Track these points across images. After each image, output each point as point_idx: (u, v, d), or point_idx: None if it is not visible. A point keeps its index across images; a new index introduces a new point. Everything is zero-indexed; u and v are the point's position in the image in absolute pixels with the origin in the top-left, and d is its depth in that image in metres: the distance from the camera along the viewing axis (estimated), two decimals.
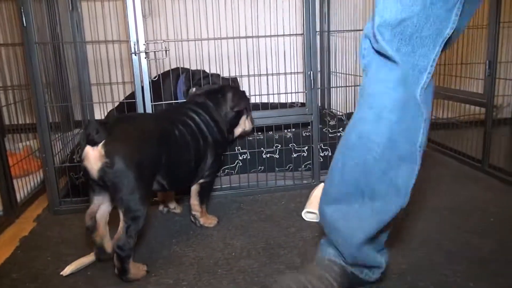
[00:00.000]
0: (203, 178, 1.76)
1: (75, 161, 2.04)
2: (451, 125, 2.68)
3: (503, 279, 1.32)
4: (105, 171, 1.33)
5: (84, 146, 1.37)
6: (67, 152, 2.29)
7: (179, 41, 2.03)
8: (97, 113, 2.83)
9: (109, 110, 2.57)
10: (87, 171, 1.37)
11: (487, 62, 2.17)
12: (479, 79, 2.35)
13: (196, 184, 1.77)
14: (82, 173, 1.43)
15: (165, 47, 1.90)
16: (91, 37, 2.63)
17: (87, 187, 1.49)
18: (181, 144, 1.61)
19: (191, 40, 2.05)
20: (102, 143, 1.34)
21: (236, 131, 1.90)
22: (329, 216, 1.22)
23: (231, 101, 1.82)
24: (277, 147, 2.23)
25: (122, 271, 1.37)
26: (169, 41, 1.97)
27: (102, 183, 1.37)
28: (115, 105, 2.50)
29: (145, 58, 1.89)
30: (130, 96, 2.38)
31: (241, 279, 1.39)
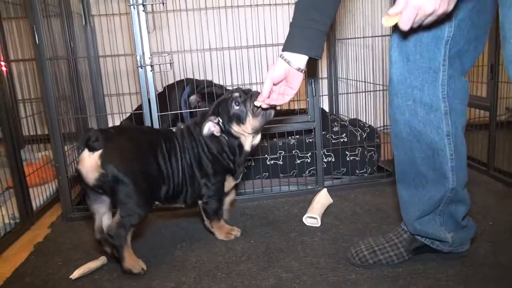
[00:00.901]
0: (201, 199, 1.74)
1: None
2: None
3: (494, 284, 1.34)
4: (103, 180, 1.43)
5: (82, 150, 1.46)
6: None
7: (183, 52, 2.11)
8: (111, 123, 2.95)
9: (122, 120, 2.68)
10: (81, 176, 1.47)
11: (489, 65, 2.17)
12: (483, 82, 2.35)
13: (201, 201, 1.76)
14: (77, 176, 1.52)
15: (169, 59, 1.98)
16: (103, 51, 2.75)
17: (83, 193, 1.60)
18: (170, 158, 1.64)
19: (194, 51, 2.13)
20: (99, 152, 1.43)
21: (245, 146, 1.72)
22: (398, 192, 1.50)
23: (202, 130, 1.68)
24: (281, 153, 2.28)
25: (118, 257, 1.51)
26: (173, 53, 2.05)
27: (99, 189, 1.47)
28: (127, 115, 2.60)
29: (151, 71, 1.98)
30: (139, 107, 2.47)
31: (239, 282, 1.45)
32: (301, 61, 1.35)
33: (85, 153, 1.45)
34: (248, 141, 1.71)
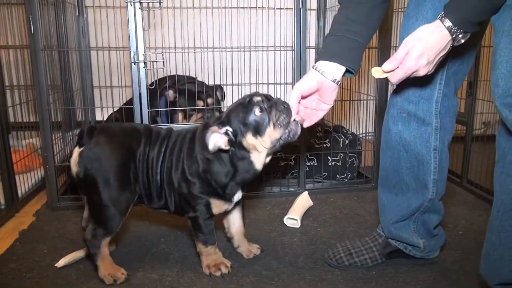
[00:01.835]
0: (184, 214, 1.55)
1: None
2: None
3: None
4: (79, 178, 1.46)
5: (75, 146, 1.49)
6: (67, 151, 2.42)
7: (176, 49, 2.15)
8: (98, 115, 2.97)
9: (110, 113, 2.70)
10: (70, 170, 1.50)
11: (468, 82, 2.28)
12: (461, 98, 2.46)
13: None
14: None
15: (163, 57, 2.02)
16: (95, 42, 2.76)
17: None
18: (150, 161, 1.50)
19: (186, 48, 2.18)
20: (80, 149, 1.45)
21: (256, 165, 1.42)
22: (379, 195, 1.58)
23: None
24: None
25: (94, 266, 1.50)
26: (164, 48, 2.09)
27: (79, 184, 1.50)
28: (115, 109, 2.62)
29: (144, 67, 2.01)
30: (129, 101, 2.50)
31: (219, 277, 1.51)
32: (337, 72, 1.27)
33: (75, 149, 1.48)
34: (260, 158, 1.40)
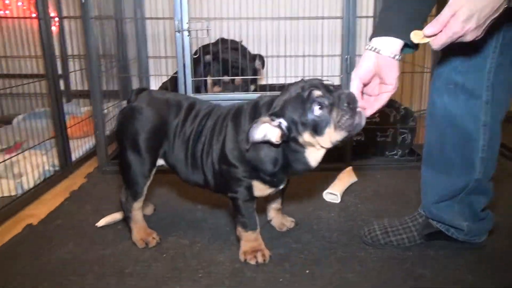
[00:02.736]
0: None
1: None
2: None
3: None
4: (114, 131, 1.53)
5: None
6: None
7: (220, 19, 2.13)
8: (152, 84, 3.06)
9: (162, 82, 2.77)
10: None
11: None
12: None
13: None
14: None
15: (206, 26, 2.01)
16: (150, 13, 2.82)
17: None
18: (186, 137, 1.46)
19: (231, 18, 2.15)
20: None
21: (310, 161, 1.28)
22: (422, 172, 1.47)
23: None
24: None
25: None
26: (209, 18, 2.07)
27: None
28: (166, 78, 2.68)
29: (188, 36, 2.02)
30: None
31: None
32: (394, 46, 1.12)
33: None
34: (318, 155, 1.26)
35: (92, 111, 2.79)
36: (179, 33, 2.01)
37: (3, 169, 1.95)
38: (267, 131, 1.19)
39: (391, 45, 1.12)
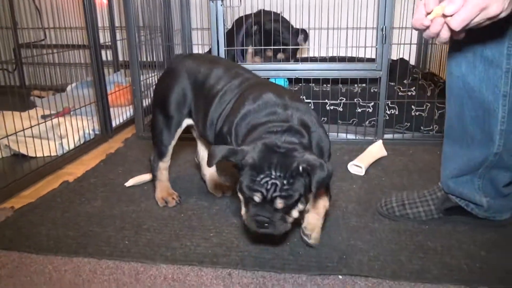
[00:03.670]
0: None
1: None
2: None
3: None
4: None
5: None
6: None
7: None
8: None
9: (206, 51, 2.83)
10: None
11: None
12: None
13: None
14: None
15: None
16: None
17: None
18: (209, 93, 1.45)
19: None
20: None
21: None
22: (443, 146, 1.44)
23: None
24: (342, 100, 2.25)
25: None
26: None
27: None
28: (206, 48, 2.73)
29: (221, 5, 2.04)
30: None
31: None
32: None
33: None
34: None
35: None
36: (213, 2, 2.04)
37: (48, 130, 2.10)
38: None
39: None
